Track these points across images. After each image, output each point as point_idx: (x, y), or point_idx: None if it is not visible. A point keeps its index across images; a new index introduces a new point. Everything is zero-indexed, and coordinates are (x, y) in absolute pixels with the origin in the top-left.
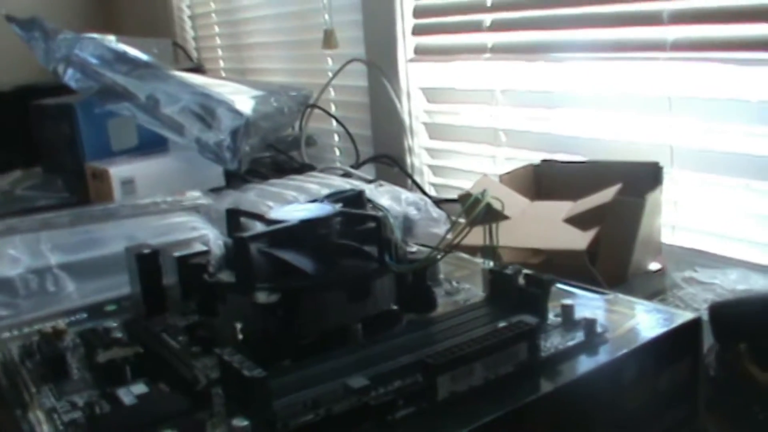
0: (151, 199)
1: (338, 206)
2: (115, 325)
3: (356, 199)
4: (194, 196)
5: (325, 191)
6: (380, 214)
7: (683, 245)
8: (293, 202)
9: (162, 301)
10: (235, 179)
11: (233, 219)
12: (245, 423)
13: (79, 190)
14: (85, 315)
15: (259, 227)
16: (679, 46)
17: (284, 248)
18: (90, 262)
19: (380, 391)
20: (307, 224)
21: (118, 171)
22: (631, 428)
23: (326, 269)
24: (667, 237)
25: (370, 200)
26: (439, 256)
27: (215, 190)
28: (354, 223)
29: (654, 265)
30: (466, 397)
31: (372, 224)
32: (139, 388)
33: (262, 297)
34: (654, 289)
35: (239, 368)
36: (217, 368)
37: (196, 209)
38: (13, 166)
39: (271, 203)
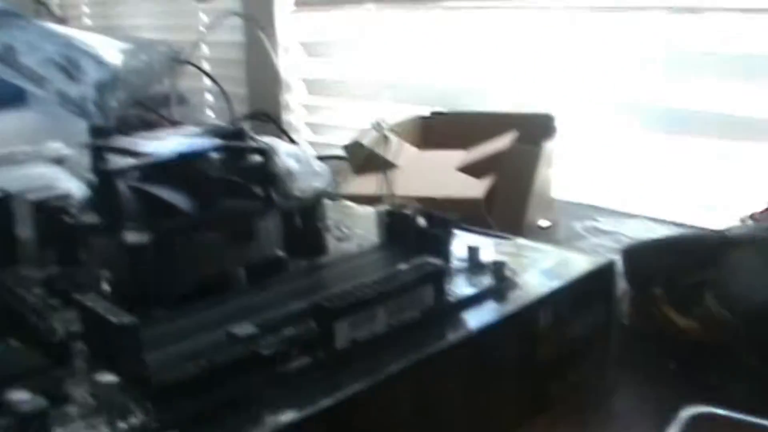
0: (6, 149)
1: (217, 141)
2: None
3: (237, 135)
4: (56, 147)
5: None
6: (266, 146)
7: (573, 201)
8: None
9: (13, 251)
10: (100, 137)
11: (99, 156)
12: (112, 378)
13: None
14: None
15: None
16: None
17: (158, 184)
18: None
19: (270, 339)
20: (183, 158)
21: None
22: (541, 380)
23: (205, 207)
24: (558, 192)
25: (252, 138)
26: (330, 193)
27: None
28: (236, 158)
29: (544, 222)
30: (367, 345)
31: (256, 159)
32: None
33: (131, 237)
34: (552, 242)
35: (104, 315)
36: (79, 321)
37: (59, 161)
38: None
39: None
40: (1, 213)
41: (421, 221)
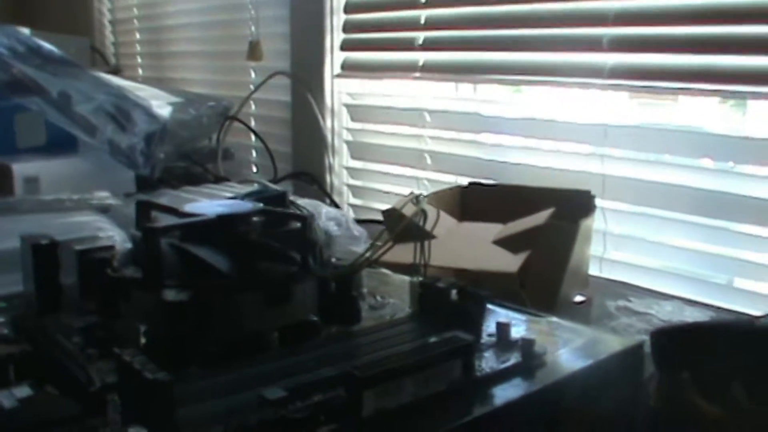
0: (55, 195)
1: (260, 204)
2: (1, 320)
3: (279, 199)
4: (102, 195)
5: None
6: (306, 213)
7: (610, 277)
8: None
9: (56, 299)
10: (146, 187)
11: (144, 212)
12: None
13: None
14: None
15: (171, 222)
16: (617, 73)
17: (198, 244)
18: None
19: (299, 404)
20: (224, 220)
21: (21, 168)
22: None
23: (244, 269)
24: (594, 269)
25: (293, 202)
26: (366, 263)
27: (126, 196)
28: (276, 223)
29: (579, 297)
30: (393, 415)
31: (296, 225)
32: (23, 391)
33: (170, 295)
34: (584, 318)
35: (140, 370)
36: (115, 373)
37: (104, 210)
38: None
39: None
40: (48, 260)
41: (454, 295)
